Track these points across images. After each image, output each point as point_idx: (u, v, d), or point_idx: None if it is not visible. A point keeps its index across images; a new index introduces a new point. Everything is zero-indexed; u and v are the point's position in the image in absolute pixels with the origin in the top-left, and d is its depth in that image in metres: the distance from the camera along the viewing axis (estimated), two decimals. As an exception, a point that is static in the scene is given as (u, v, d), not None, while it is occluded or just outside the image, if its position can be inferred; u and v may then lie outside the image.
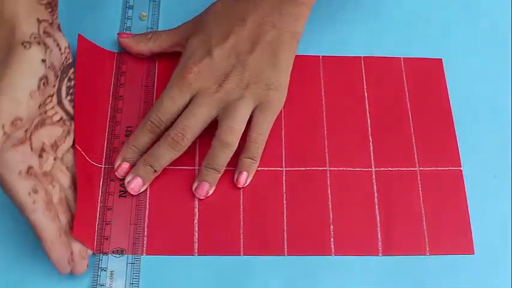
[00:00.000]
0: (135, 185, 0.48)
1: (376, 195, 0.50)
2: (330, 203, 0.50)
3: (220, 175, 0.49)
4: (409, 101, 0.54)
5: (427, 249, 0.48)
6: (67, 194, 0.47)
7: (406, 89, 0.55)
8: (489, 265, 0.48)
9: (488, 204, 0.50)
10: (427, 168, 0.51)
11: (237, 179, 0.49)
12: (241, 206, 0.49)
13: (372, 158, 0.51)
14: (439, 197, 0.50)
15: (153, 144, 0.49)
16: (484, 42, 0.58)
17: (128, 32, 0.55)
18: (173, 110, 0.49)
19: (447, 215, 0.50)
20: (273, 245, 0.48)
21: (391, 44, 0.57)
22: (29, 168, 0.43)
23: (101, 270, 0.46)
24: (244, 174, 0.49)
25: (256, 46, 0.50)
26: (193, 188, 0.49)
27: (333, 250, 0.48)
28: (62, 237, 0.43)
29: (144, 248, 0.47)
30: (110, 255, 0.47)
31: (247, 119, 0.49)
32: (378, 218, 0.49)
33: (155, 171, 0.48)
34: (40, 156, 0.44)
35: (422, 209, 0.50)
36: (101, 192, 0.49)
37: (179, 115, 0.49)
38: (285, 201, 0.50)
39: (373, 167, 0.51)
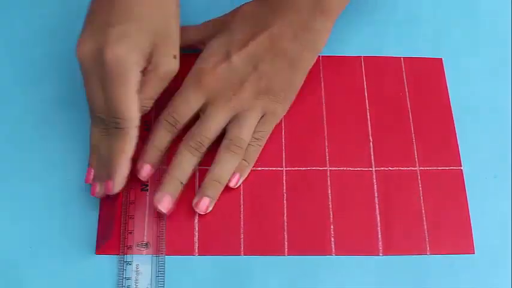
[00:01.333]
0: (166, 202, 0.48)
1: (376, 194, 0.50)
2: (330, 203, 0.50)
3: (222, 189, 0.49)
4: (410, 100, 0.54)
5: (428, 249, 0.48)
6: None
7: (406, 89, 0.55)
8: (489, 265, 0.48)
9: (489, 204, 0.50)
10: (428, 168, 0.51)
11: (229, 180, 0.49)
12: (242, 206, 0.49)
13: (372, 157, 0.51)
14: (440, 196, 0.50)
15: (172, 142, 0.49)
16: (484, 42, 0.58)
17: None
18: (188, 112, 0.49)
19: (447, 214, 0.50)
20: (273, 245, 0.48)
21: (391, 43, 0.57)
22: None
23: (127, 264, 0.46)
24: (237, 175, 0.49)
25: (275, 58, 0.50)
26: (194, 203, 0.48)
27: (333, 250, 0.48)
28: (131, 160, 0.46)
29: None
30: (135, 248, 0.47)
31: (253, 130, 0.50)
32: (378, 217, 0.49)
33: (181, 183, 0.48)
34: None
35: (423, 208, 0.50)
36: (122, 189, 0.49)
37: (194, 116, 0.49)
38: (285, 201, 0.50)
39: (373, 167, 0.51)
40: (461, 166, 0.52)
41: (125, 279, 0.46)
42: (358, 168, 0.51)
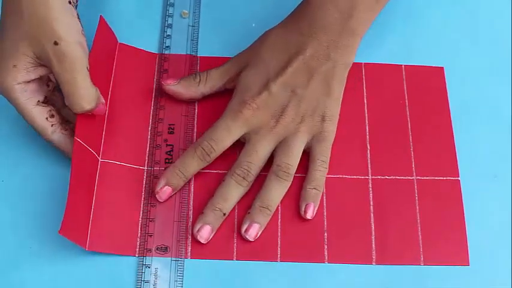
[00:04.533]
0: (204, 233, 0.48)
1: (371, 203, 0.50)
2: (324, 210, 0.49)
3: (271, 216, 0.49)
4: (409, 109, 0.54)
5: (422, 259, 0.48)
6: (63, 113, 0.50)
7: (406, 97, 0.54)
8: (484, 278, 0.48)
9: (485, 215, 0.50)
10: (425, 178, 0.51)
11: (304, 211, 0.49)
12: (236, 211, 0.49)
13: (369, 165, 0.51)
14: (436, 207, 0.50)
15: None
16: (486, 51, 0.57)
17: (168, 34, 0.56)
18: (227, 141, 0.49)
19: (443, 225, 0.49)
20: (266, 251, 0.48)
21: (393, 51, 0.56)
22: (45, 97, 0.48)
23: (145, 267, 0.46)
24: (312, 205, 0.49)
25: (312, 79, 0.50)
26: (243, 229, 0.48)
27: (326, 257, 0.48)
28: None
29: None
30: (154, 251, 0.47)
31: (301, 154, 0.50)
32: (373, 226, 0.49)
33: (224, 214, 0.48)
34: (47, 85, 0.49)
35: (418, 218, 0.49)
36: (144, 190, 0.49)
37: (229, 147, 0.49)
38: (279, 208, 0.49)
39: (370, 175, 0.51)
40: (458, 177, 0.51)
41: (143, 282, 0.46)
42: (355, 176, 0.51)
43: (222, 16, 0.55)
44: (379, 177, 0.51)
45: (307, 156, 0.50)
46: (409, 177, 0.51)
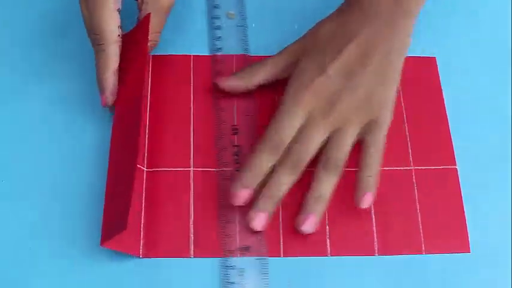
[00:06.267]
0: (259, 221, 0.47)
1: (371, 195, 0.50)
2: (325, 204, 0.50)
3: (326, 205, 0.48)
4: (403, 99, 0.54)
5: (423, 248, 0.48)
6: None
7: (399, 88, 0.55)
8: (485, 264, 0.48)
9: (484, 202, 0.50)
10: (422, 167, 0.51)
11: (361, 201, 0.48)
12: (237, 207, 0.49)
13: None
14: (434, 196, 0.50)
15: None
16: (478, 39, 0.58)
17: (217, 36, 0.56)
18: (292, 131, 0.49)
19: (442, 213, 0.50)
20: (268, 246, 0.48)
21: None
22: (119, 9, 0.49)
23: (230, 268, 0.46)
24: (369, 195, 0.48)
25: (368, 64, 0.49)
26: (298, 222, 0.48)
27: (328, 251, 0.48)
28: (117, 74, 0.49)
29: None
30: (237, 252, 0.47)
31: (353, 145, 0.49)
32: (374, 217, 0.49)
33: (277, 202, 0.48)
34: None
35: (418, 208, 0.50)
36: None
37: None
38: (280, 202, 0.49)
39: (368, 167, 0.51)
40: (455, 165, 0.52)
41: (229, 284, 0.46)
42: (353, 169, 0.51)
43: (268, 13, 0.56)
44: (377, 168, 0.51)
45: (361, 143, 0.50)
46: (407, 168, 0.51)
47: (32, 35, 0.56)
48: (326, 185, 0.48)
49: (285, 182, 0.48)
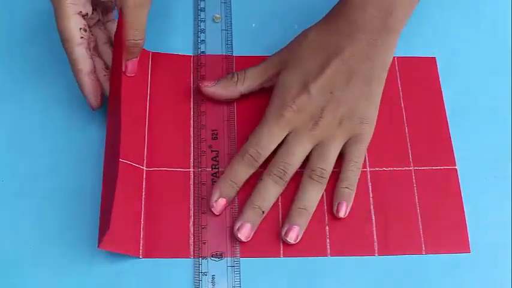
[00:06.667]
0: (245, 231, 0.48)
1: (371, 195, 0.50)
2: (325, 204, 0.50)
3: (310, 217, 0.49)
4: (403, 100, 0.54)
5: (423, 248, 0.48)
6: (102, 48, 0.52)
7: (399, 88, 0.55)
8: (485, 264, 0.48)
9: (484, 203, 0.50)
10: (422, 168, 0.51)
11: (337, 210, 0.49)
12: (237, 207, 0.49)
13: (367, 158, 0.51)
14: (434, 196, 0.50)
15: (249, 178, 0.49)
16: (478, 39, 0.58)
17: (202, 39, 0.56)
18: (271, 145, 0.49)
19: (442, 214, 0.50)
20: (268, 247, 0.48)
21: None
22: (81, 12, 0.48)
23: (202, 274, 0.46)
24: (344, 204, 0.49)
25: (351, 80, 0.49)
26: (283, 233, 0.48)
27: (328, 251, 0.48)
28: (94, 74, 0.49)
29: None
30: (209, 259, 0.47)
31: (336, 158, 0.50)
32: (374, 218, 0.49)
33: (263, 212, 0.48)
34: (94, 10, 0.50)
35: (418, 208, 0.50)
36: (193, 197, 0.49)
37: (274, 150, 0.49)
38: (279, 203, 0.49)
39: (368, 167, 0.51)
40: (455, 165, 0.52)
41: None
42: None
43: (253, 18, 0.56)
44: (377, 169, 0.51)
45: (342, 156, 0.50)
46: (407, 168, 0.51)
47: (31, 35, 0.56)
48: (311, 195, 0.49)
49: (270, 193, 0.48)
